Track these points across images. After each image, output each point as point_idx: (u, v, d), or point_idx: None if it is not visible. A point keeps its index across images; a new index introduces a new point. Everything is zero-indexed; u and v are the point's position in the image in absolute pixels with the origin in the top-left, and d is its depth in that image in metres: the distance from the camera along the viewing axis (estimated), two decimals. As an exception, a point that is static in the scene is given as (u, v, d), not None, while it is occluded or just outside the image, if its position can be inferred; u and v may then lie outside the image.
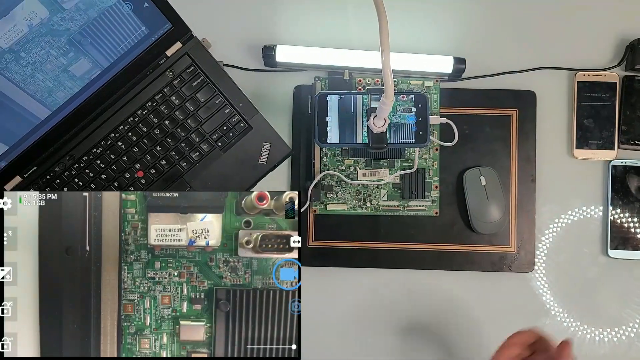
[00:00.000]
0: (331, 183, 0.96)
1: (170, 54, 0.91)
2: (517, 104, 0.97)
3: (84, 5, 0.81)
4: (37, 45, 0.81)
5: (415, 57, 0.96)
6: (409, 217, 0.96)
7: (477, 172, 0.95)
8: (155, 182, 0.92)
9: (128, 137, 0.91)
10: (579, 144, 0.97)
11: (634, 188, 0.96)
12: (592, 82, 0.97)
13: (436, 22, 1.01)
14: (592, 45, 1.00)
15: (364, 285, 0.98)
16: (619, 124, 0.97)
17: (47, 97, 0.86)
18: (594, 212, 0.97)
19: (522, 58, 0.99)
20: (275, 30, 1.00)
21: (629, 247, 0.95)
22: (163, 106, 0.91)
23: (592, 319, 0.96)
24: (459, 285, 0.97)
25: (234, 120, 0.92)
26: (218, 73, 0.92)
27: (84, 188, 0.91)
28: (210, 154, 0.92)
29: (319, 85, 0.97)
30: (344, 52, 0.96)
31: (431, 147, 0.96)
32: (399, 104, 0.89)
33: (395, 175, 0.95)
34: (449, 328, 0.97)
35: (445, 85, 0.98)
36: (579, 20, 1.00)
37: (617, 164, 0.96)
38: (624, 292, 0.96)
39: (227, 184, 0.92)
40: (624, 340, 0.96)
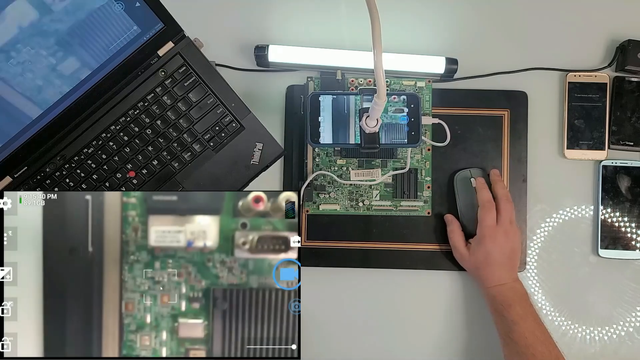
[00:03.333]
0: (324, 183, 0.98)
1: (162, 54, 0.93)
2: (508, 104, 1.00)
3: (75, 4, 0.83)
4: (27, 46, 0.84)
5: (408, 58, 0.98)
6: (401, 217, 0.99)
7: (468, 174, 0.98)
8: (147, 182, 0.94)
9: (120, 137, 0.93)
10: (569, 145, 1.00)
11: (624, 188, 0.99)
12: (582, 82, 1.00)
13: (428, 23, 1.03)
14: (583, 46, 1.03)
15: (356, 286, 1.00)
16: (609, 124, 1.00)
17: (38, 97, 0.88)
18: (584, 211, 1.00)
19: (514, 59, 1.02)
20: (268, 30, 1.02)
21: (619, 246, 0.98)
22: (155, 106, 0.93)
23: (583, 318, 0.99)
24: (451, 285, 1.00)
25: (226, 121, 0.94)
26: (210, 73, 0.94)
27: (75, 188, 0.93)
28: (203, 154, 0.94)
29: (312, 86, 0.99)
30: (337, 52, 0.98)
31: (423, 148, 0.99)
32: (391, 105, 0.91)
33: (388, 175, 0.98)
34: (441, 327, 1.00)
35: (438, 85, 1.00)
36: (570, 21, 1.03)
37: (607, 164, 0.99)
38: (615, 291, 0.99)
39: (219, 184, 0.94)
40: (614, 339, 0.99)
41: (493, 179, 0.96)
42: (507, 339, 0.89)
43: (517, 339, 0.87)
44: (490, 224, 0.91)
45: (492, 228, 0.91)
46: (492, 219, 0.91)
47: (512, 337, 0.87)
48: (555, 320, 0.99)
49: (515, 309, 0.88)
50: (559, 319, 0.99)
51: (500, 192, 0.94)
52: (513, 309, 0.88)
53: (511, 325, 0.87)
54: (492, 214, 0.92)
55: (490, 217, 0.92)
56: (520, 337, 0.87)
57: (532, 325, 0.88)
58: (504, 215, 0.92)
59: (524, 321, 0.88)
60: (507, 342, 0.88)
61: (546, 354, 0.86)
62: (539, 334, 0.87)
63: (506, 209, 0.92)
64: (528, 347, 0.86)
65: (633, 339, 0.99)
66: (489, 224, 0.91)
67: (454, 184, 0.99)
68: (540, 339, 0.87)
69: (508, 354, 0.89)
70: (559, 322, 0.99)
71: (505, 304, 0.89)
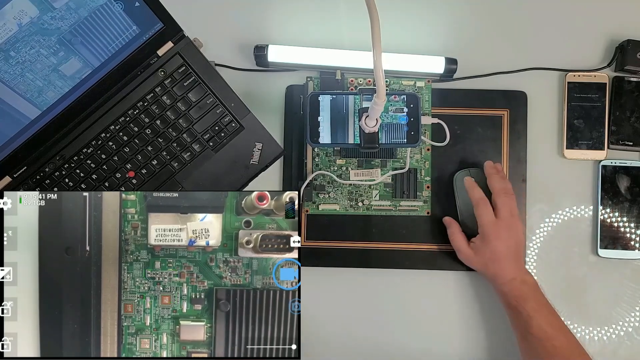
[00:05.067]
0: (323, 183, 0.99)
1: (161, 54, 0.93)
2: (508, 104, 1.00)
3: (75, 4, 0.83)
4: (26, 45, 0.83)
5: (407, 58, 0.99)
6: (400, 217, 0.99)
7: (467, 173, 0.98)
8: (147, 182, 0.94)
9: (119, 137, 0.93)
10: (569, 144, 1.00)
11: (624, 188, 0.99)
12: (582, 82, 1.01)
13: (428, 23, 1.03)
14: (582, 46, 1.03)
15: (355, 285, 1.00)
16: (608, 124, 1.00)
17: (37, 96, 0.88)
18: (584, 211, 1.01)
19: (513, 59, 1.02)
20: (267, 30, 1.02)
21: (619, 246, 0.99)
22: (154, 106, 0.93)
23: (582, 318, 0.99)
24: (450, 284, 1.00)
25: (225, 120, 0.94)
26: (210, 73, 0.94)
27: (74, 188, 0.93)
28: (202, 154, 0.94)
29: (311, 85, 0.99)
30: (336, 52, 0.98)
31: (423, 147, 0.99)
32: (390, 104, 0.91)
33: (387, 175, 0.98)
34: (440, 328, 1.00)
35: (437, 85, 1.00)
36: (569, 21, 1.03)
37: (606, 164, 0.99)
38: (614, 291, 1.00)
39: (219, 184, 0.94)
40: (613, 338, 0.99)
41: (487, 172, 0.95)
42: (525, 334, 0.88)
43: (537, 333, 0.86)
44: (490, 220, 0.91)
45: (492, 224, 0.91)
46: (489, 215, 0.91)
47: (531, 332, 0.86)
48: (555, 320, 0.99)
49: (530, 304, 0.88)
50: (559, 319, 0.99)
51: (496, 186, 0.93)
52: (528, 304, 0.88)
53: (528, 320, 0.87)
54: (487, 209, 0.91)
55: (486, 213, 0.91)
56: (539, 331, 0.86)
57: (549, 317, 0.87)
58: (502, 209, 0.91)
59: (540, 314, 0.87)
60: (526, 336, 0.88)
61: (566, 344, 0.86)
62: (557, 324, 0.87)
63: (504, 202, 0.91)
64: (549, 340, 0.86)
65: (632, 339, 0.99)
66: (488, 220, 0.91)
67: (454, 184, 0.99)
68: (559, 329, 0.87)
69: (527, 349, 0.89)
70: (558, 322, 0.99)
71: (520, 298, 0.88)
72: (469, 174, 0.98)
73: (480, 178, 0.96)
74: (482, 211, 0.92)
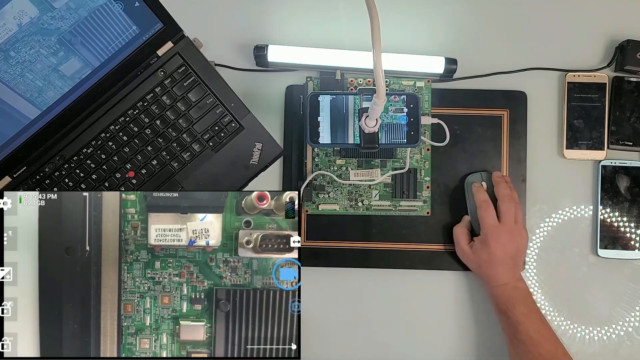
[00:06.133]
0: (323, 183, 0.99)
1: (161, 54, 0.93)
2: (508, 104, 1.00)
3: (75, 4, 0.83)
4: (26, 45, 0.83)
5: (407, 58, 0.99)
6: (400, 217, 0.99)
7: (479, 177, 0.98)
8: (147, 182, 0.94)
9: (119, 137, 0.93)
10: (569, 144, 1.00)
11: (623, 188, 0.99)
12: (582, 82, 1.01)
13: (428, 23, 1.03)
14: (582, 46, 1.03)
15: (355, 285, 1.00)
16: (608, 124, 1.00)
17: (37, 96, 0.88)
18: (584, 211, 1.01)
19: (513, 59, 1.02)
20: (267, 30, 1.03)
21: (619, 246, 0.99)
22: (154, 106, 0.93)
23: (582, 318, 0.99)
24: (450, 285, 1.00)
25: (225, 120, 0.94)
26: (209, 73, 0.94)
27: (74, 188, 0.93)
28: (202, 154, 0.95)
29: (311, 85, 0.99)
30: (336, 52, 0.98)
31: (423, 147, 0.99)
32: (390, 104, 0.91)
33: (387, 175, 0.98)
34: (441, 327, 1.00)
35: (437, 85, 1.00)
36: (569, 21, 1.03)
37: (606, 164, 1.00)
38: (614, 291, 1.00)
39: (218, 184, 0.95)
40: (613, 338, 0.99)
41: (494, 180, 0.96)
42: (513, 339, 0.89)
43: (524, 339, 0.87)
44: (491, 223, 0.91)
45: (494, 227, 0.91)
46: (491, 218, 0.92)
47: (518, 337, 0.88)
48: (555, 320, 1.00)
49: (519, 309, 0.89)
50: (558, 319, 1.00)
51: (501, 193, 0.93)
52: (517, 309, 0.89)
53: (516, 325, 0.88)
54: (490, 212, 0.92)
55: (489, 215, 0.92)
56: (526, 337, 0.87)
57: (538, 324, 0.88)
58: (506, 214, 0.92)
59: (529, 320, 0.88)
60: (514, 341, 0.89)
61: (553, 352, 0.86)
62: (545, 332, 0.88)
63: (508, 207, 0.92)
64: (535, 346, 0.86)
65: (632, 338, 0.99)
66: (489, 223, 0.91)
67: (465, 187, 0.99)
68: (547, 337, 0.88)
69: (515, 353, 0.90)
70: (558, 322, 0.99)
71: (510, 303, 0.89)
72: (480, 178, 0.98)
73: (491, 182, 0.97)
74: (484, 214, 0.92)
